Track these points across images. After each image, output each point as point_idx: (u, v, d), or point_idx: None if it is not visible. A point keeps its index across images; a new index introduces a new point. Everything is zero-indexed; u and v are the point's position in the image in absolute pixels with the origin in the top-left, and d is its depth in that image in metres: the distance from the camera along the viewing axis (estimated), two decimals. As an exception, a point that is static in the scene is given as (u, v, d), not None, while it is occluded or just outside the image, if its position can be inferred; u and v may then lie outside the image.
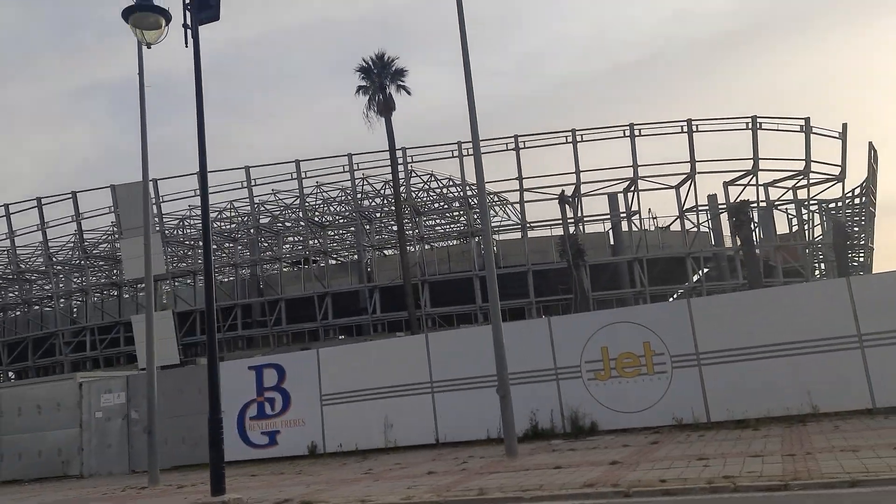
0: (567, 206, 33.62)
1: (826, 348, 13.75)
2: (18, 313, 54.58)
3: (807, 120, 43.20)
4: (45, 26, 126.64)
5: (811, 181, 44.57)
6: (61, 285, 53.51)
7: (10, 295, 55.48)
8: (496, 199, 47.48)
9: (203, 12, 10.84)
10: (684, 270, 45.04)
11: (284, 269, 50.67)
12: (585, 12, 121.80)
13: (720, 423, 13.98)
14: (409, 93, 38.19)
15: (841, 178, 44.36)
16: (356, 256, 48.01)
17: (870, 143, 44.97)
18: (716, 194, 45.43)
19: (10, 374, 53.89)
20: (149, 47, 10.67)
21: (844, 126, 43.94)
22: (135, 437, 18.24)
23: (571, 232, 33.90)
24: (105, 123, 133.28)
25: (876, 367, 13.40)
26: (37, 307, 54.49)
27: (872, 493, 6.91)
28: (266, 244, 51.80)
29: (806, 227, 45.68)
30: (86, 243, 51.02)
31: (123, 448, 18.28)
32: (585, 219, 43.85)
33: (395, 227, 49.89)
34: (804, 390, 13.69)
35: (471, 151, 42.73)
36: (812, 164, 43.07)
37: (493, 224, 48.14)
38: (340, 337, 46.33)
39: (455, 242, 48.14)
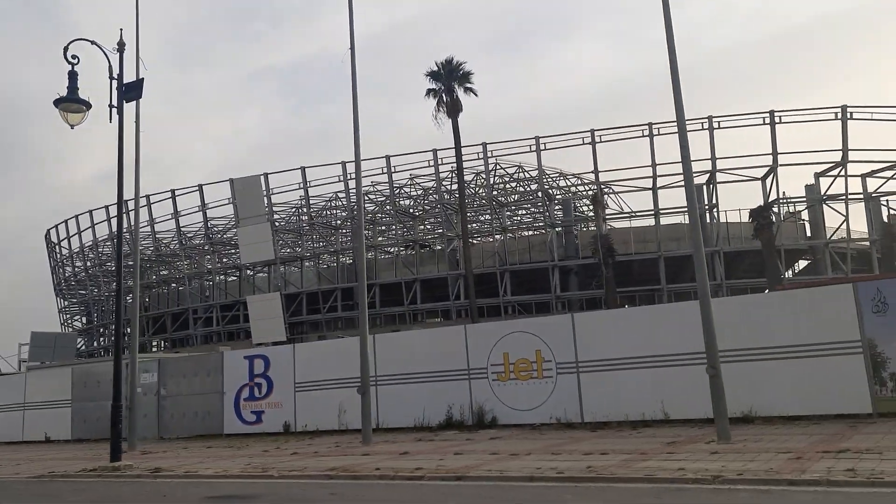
0: (599, 207, 35.31)
1: (679, 363, 15.80)
2: (159, 291, 62.50)
3: (843, 108, 42.04)
4: (223, 15, 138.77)
5: (864, 172, 43.51)
6: (195, 267, 60.76)
7: (153, 277, 63.42)
8: (606, 188, 49.11)
9: (130, 93, 14.62)
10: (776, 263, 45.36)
11: (381, 257, 55.02)
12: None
13: (588, 424, 16.38)
14: (476, 94, 41.10)
15: (898, 165, 42.83)
16: (448, 246, 51.49)
17: None
18: (813, 184, 45.25)
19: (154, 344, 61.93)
20: (72, 128, 14.33)
21: (944, 115, 42.33)
22: (163, 410, 22.80)
23: (604, 230, 35.54)
24: (275, 105, 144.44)
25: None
26: (174, 286, 62.18)
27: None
28: (366, 233, 56.37)
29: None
30: (213, 229, 57.84)
31: (153, 419, 22.86)
32: (665, 211, 45.30)
33: (482, 218, 53.12)
34: (659, 399, 15.83)
35: (546, 145, 45.19)
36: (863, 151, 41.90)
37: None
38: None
39: (534, 233, 50.44)
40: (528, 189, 52.55)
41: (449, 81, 40.80)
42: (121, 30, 14.89)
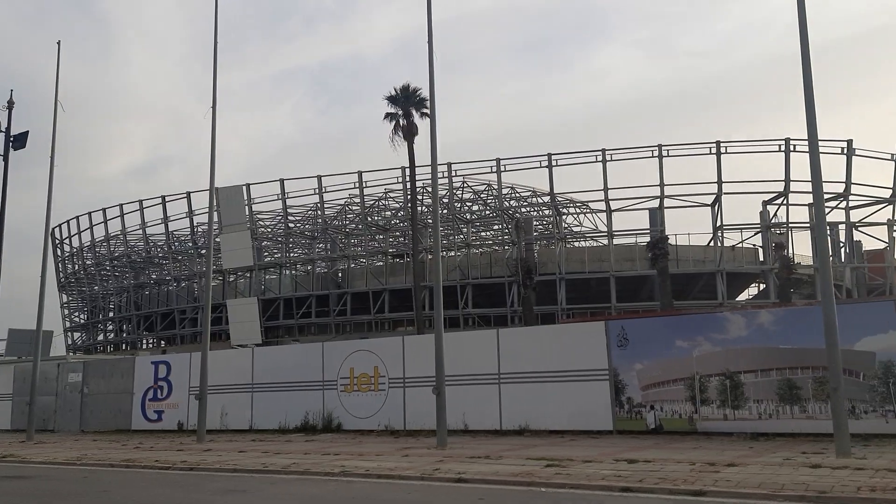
0: (520, 232, 38.31)
1: (478, 382, 18.90)
2: (149, 292, 66.60)
3: (849, 142, 44.47)
4: (256, 14, 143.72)
5: (859, 203, 45.95)
6: (184, 270, 64.80)
7: (143, 277, 67.49)
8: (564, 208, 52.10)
9: (16, 143, 18.16)
10: (737, 286, 48.28)
11: (353, 267, 58.42)
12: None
13: (410, 431, 19.53)
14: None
15: (892, 200, 45.13)
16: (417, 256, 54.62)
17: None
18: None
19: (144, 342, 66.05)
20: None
21: (901, 146, 44.77)
22: (85, 407, 26.38)
23: (525, 253, 38.51)
24: (305, 105, 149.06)
25: (505, 399, 18.41)
26: (164, 287, 66.24)
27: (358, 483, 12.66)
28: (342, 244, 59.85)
29: (843, 247, 46.63)
30: (197, 234, 61.78)
31: (77, 414, 26.44)
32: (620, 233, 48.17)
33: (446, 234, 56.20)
34: (461, 412, 18.92)
35: (505, 167, 48.26)
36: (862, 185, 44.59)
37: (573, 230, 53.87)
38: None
39: (496, 249, 53.48)
40: (491, 207, 55.52)
41: (406, 106, 43.93)
42: (11, 90, 18.41)
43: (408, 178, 51.63)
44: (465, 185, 53.76)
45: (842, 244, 46.79)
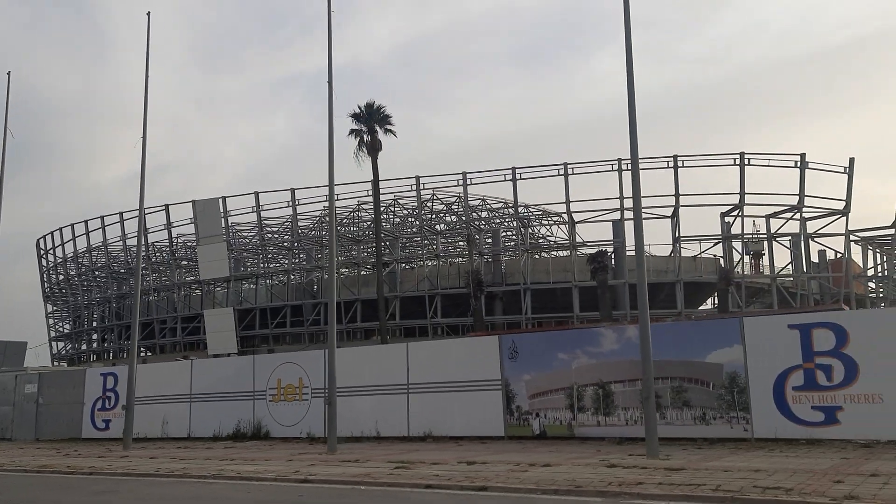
0: (472, 246, 39.88)
1: (389, 392, 20.43)
2: (130, 302, 68.28)
3: (802, 156, 46.01)
4: (252, 21, 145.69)
5: (813, 215, 47.46)
6: (166, 280, 66.54)
7: (124, 287, 69.21)
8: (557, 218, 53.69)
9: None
10: (700, 296, 49.98)
11: (328, 277, 59.99)
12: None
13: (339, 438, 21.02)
14: (395, 135, 45.96)
15: (845, 212, 46.59)
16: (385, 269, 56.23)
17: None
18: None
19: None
20: None
21: (851, 161, 46.25)
22: (40, 416, 27.94)
23: (476, 265, 40.06)
24: (301, 111, 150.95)
25: (413, 408, 19.93)
26: (145, 297, 67.88)
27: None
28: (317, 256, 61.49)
29: (795, 257, 48.14)
30: (177, 246, 63.50)
31: (32, 423, 28.00)
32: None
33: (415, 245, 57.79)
34: (374, 419, 20.45)
35: (471, 181, 49.87)
36: (815, 198, 46.35)
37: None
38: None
39: (464, 260, 55.02)
40: (460, 219, 57.09)
41: (370, 123, 45.58)
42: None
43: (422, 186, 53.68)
44: (435, 197, 55.38)
45: (792, 252, 48.19)
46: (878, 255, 54.72)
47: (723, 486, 9.33)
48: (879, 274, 56.95)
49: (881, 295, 57.60)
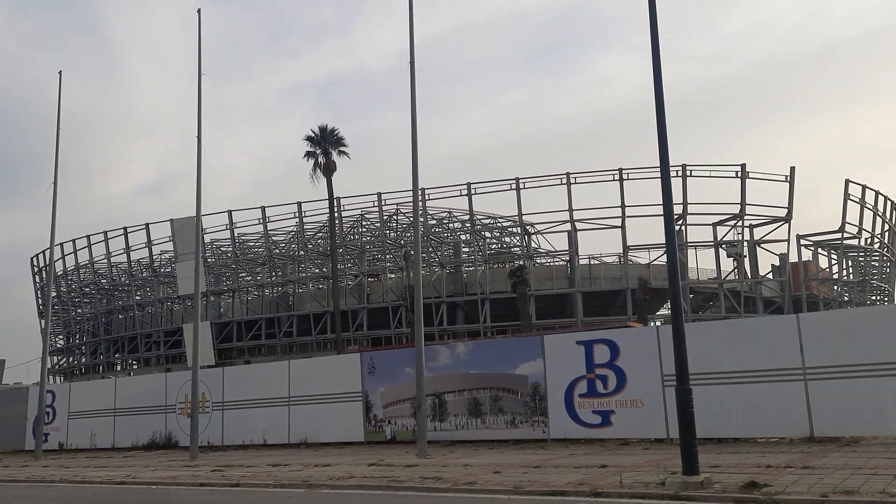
0: (409, 262, 42.46)
1: (274, 404, 23.11)
2: (120, 317, 71.65)
3: (742, 166, 48.23)
4: (259, 31, 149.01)
5: (756, 223, 49.66)
6: (150, 295, 69.83)
7: (113, 303, 72.55)
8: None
9: None
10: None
11: (301, 290, 62.97)
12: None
13: (227, 446, 23.75)
14: (349, 157, 48.88)
15: (787, 219, 48.71)
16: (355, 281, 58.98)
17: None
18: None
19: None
20: None
21: (792, 170, 48.44)
22: None
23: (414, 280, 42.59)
24: (310, 120, 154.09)
25: (293, 418, 22.58)
26: (131, 313, 71.23)
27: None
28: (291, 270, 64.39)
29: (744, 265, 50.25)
30: (157, 263, 66.74)
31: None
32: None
33: (387, 257, 60.51)
34: (262, 428, 23.15)
35: (429, 196, 52.47)
36: (758, 206, 48.79)
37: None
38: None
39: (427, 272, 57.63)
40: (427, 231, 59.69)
41: (325, 145, 48.42)
42: None
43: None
44: (400, 212, 58.09)
45: (735, 259, 50.23)
46: (844, 259, 56.02)
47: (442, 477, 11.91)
48: (845, 277, 58.52)
49: (846, 298, 59.17)
